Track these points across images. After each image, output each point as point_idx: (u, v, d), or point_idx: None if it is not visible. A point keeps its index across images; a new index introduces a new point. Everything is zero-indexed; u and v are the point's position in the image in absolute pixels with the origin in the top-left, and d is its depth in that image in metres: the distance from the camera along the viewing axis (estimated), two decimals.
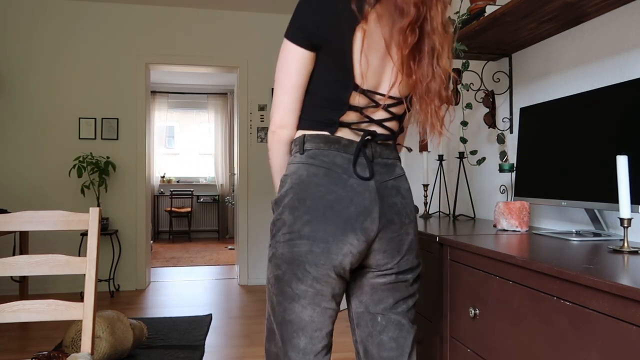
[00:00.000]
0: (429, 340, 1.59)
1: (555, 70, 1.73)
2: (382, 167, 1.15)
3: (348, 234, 1.08)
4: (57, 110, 4.40)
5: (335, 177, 1.10)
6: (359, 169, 1.11)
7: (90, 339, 1.41)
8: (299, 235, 1.08)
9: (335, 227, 1.07)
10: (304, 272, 1.08)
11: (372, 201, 1.10)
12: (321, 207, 1.08)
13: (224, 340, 3.10)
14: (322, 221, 1.07)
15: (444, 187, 2.53)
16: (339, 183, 1.09)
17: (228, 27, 4.72)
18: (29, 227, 1.47)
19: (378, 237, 1.11)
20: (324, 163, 1.11)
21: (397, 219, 1.13)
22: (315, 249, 1.07)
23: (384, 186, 1.13)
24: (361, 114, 1.12)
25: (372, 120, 1.14)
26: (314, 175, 1.10)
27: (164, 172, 8.55)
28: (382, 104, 1.13)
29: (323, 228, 1.07)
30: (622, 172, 1.11)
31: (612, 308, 0.84)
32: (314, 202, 1.08)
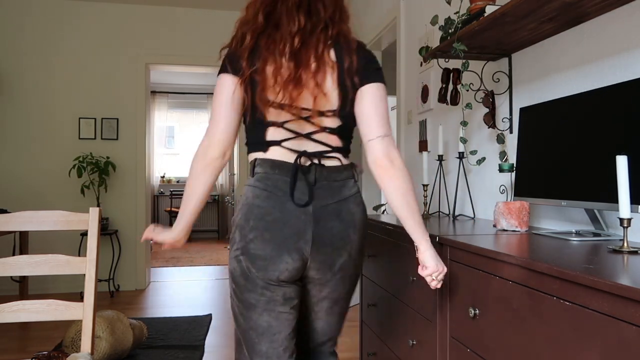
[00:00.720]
0: (429, 340, 1.60)
1: (555, 70, 1.73)
2: (326, 190, 1.23)
3: (283, 254, 1.19)
4: (57, 110, 4.40)
5: (275, 200, 1.20)
6: (298, 193, 1.20)
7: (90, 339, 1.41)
8: (243, 252, 1.21)
9: (272, 246, 1.19)
10: (252, 283, 1.21)
11: (307, 224, 1.19)
12: (261, 227, 1.19)
13: (223, 340, 3.10)
14: (261, 240, 1.19)
15: (444, 187, 2.53)
16: (278, 205, 1.20)
17: (228, 27, 4.69)
18: (29, 227, 1.47)
19: (311, 257, 1.22)
20: (267, 186, 1.21)
21: (329, 241, 1.22)
22: (258, 264, 1.19)
23: (322, 210, 1.22)
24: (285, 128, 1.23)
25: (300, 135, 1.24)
26: (257, 197, 1.21)
27: (163, 172, 8.55)
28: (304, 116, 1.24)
29: (262, 247, 1.19)
30: (622, 172, 1.11)
31: (612, 308, 0.84)
32: (256, 223, 1.19)
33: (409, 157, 3.10)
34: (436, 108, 2.69)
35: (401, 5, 3.17)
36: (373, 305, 2.21)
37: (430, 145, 2.75)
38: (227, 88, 1.24)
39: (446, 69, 2.14)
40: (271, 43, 1.21)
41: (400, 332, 1.87)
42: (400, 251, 1.86)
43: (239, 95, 1.24)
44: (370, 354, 2.26)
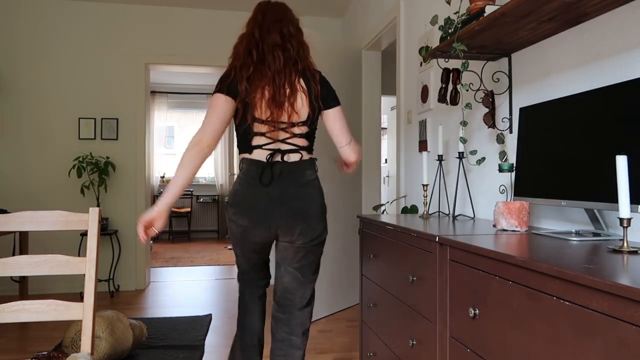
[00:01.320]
0: (429, 340, 1.60)
1: (555, 70, 1.73)
2: (287, 179, 1.71)
3: (256, 226, 1.73)
4: (56, 110, 4.40)
5: (250, 187, 1.72)
6: (265, 179, 1.71)
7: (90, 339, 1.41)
8: (233, 222, 1.78)
9: (248, 220, 1.73)
10: (236, 241, 1.83)
11: (274, 205, 1.71)
12: (242, 206, 1.73)
13: (223, 340, 3.10)
14: (240, 215, 1.74)
15: (444, 187, 2.53)
16: (252, 190, 1.72)
17: (228, 27, 4.72)
18: (28, 227, 1.47)
19: (278, 226, 1.73)
20: (247, 177, 1.73)
21: (291, 215, 1.72)
22: (240, 231, 1.77)
23: (285, 193, 1.71)
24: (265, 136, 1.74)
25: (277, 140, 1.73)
26: (239, 185, 1.75)
27: (163, 172, 8.54)
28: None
29: (242, 219, 1.74)
30: (622, 172, 1.11)
31: (612, 308, 0.84)
32: (237, 202, 1.74)
33: (408, 157, 3.10)
34: (436, 108, 2.69)
35: (401, 5, 3.17)
36: (373, 305, 2.21)
37: (430, 145, 2.75)
38: (220, 105, 1.70)
39: (446, 69, 2.14)
40: (259, 75, 1.68)
41: (400, 332, 1.87)
42: (400, 251, 1.86)
43: (228, 112, 1.71)
44: (371, 354, 2.26)
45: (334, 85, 3.76)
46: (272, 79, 1.67)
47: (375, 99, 4.20)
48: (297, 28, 1.80)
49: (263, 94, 1.67)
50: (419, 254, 1.68)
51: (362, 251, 2.38)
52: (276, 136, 1.71)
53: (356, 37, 4.30)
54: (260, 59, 1.69)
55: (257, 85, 1.67)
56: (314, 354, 2.86)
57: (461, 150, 2.13)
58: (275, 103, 1.67)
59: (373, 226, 2.21)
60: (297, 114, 1.72)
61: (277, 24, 1.74)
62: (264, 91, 1.67)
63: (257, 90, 1.67)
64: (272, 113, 1.68)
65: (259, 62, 1.69)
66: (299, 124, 1.73)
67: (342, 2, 4.49)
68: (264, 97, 1.67)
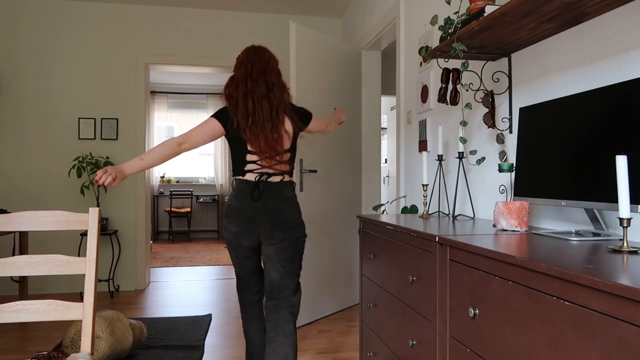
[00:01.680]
0: (429, 340, 1.60)
1: (555, 70, 1.73)
2: (270, 196, 2.12)
3: (245, 233, 2.13)
4: (56, 110, 4.40)
5: (241, 200, 2.12)
6: (255, 195, 2.11)
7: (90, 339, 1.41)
8: (228, 230, 2.17)
9: (240, 228, 2.13)
10: (231, 248, 2.21)
11: (259, 215, 2.11)
12: (234, 216, 2.13)
13: (223, 341, 3.10)
14: (233, 223, 2.14)
15: (444, 187, 2.53)
16: (243, 204, 2.12)
17: (228, 27, 4.72)
18: (28, 227, 1.47)
19: (261, 232, 2.12)
20: (238, 193, 2.14)
21: (270, 225, 2.11)
22: (233, 237, 2.16)
23: (268, 207, 2.12)
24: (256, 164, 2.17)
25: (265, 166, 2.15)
26: (232, 200, 2.16)
27: (163, 172, 8.54)
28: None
29: (234, 227, 2.14)
30: (622, 172, 1.11)
31: (612, 308, 0.84)
32: (231, 213, 2.15)
33: (408, 157, 3.11)
34: (436, 108, 2.69)
35: (401, 5, 3.17)
36: (373, 305, 2.21)
37: (430, 145, 2.75)
38: (212, 129, 2.14)
39: (446, 69, 2.14)
40: (254, 120, 2.11)
41: (400, 332, 1.87)
42: (400, 251, 1.86)
43: (214, 136, 2.16)
44: (370, 354, 2.26)
45: (334, 85, 3.76)
46: (262, 127, 2.11)
47: (375, 99, 4.20)
48: (277, 73, 2.23)
49: (257, 135, 2.11)
50: (419, 254, 1.68)
51: (362, 251, 2.38)
52: (265, 162, 2.13)
53: (356, 37, 4.30)
54: (253, 109, 2.12)
55: (252, 133, 2.12)
56: (313, 354, 2.86)
57: (461, 150, 2.13)
58: (267, 146, 2.11)
59: (373, 226, 2.21)
60: (282, 145, 2.16)
61: (263, 76, 2.17)
62: (258, 137, 2.11)
63: (251, 132, 2.11)
64: (262, 152, 2.11)
65: (252, 111, 2.12)
66: (282, 153, 2.17)
67: (342, 2, 4.49)
68: (257, 138, 2.12)
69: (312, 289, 3.50)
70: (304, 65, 3.39)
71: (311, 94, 3.48)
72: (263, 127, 2.10)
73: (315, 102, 3.52)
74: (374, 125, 4.19)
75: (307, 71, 3.42)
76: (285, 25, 4.79)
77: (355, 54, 3.97)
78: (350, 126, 3.93)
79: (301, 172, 3.39)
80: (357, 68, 4.01)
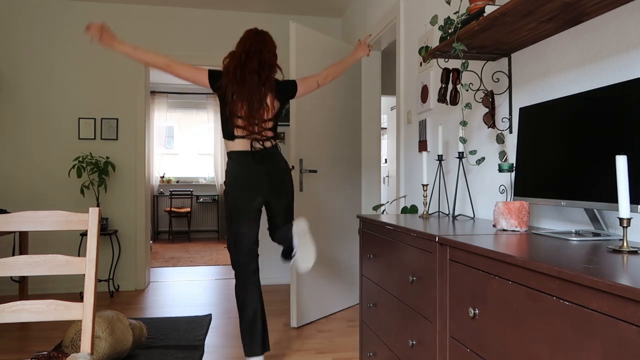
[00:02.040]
0: (429, 340, 1.60)
1: (555, 70, 1.73)
2: (269, 159, 2.48)
3: (257, 193, 2.47)
4: (56, 110, 4.40)
5: (247, 167, 2.45)
6: (257, 160, 2.44)
7: (90, 339, 1.41)
8: (232, 195, 2.46)
9: (251, 190, 2.46)
10: (239, 214, 2.47)
11: (264, 178, 2.46)
12: (245, 182, 2.44)
13: (223, 341, 3.10)
14: (245, 188, 2.45)
15: (444, 187, 2.53)
16: (248, 169, 2.45)
17: (228, 27, 4.72)
18: (28, 227, 1.47)
19: (269, 193, 2.50)
20: (240, 161, 2.46)
21: (276, 183, 2.50)
22: (246, 201, 2.46)
23: (270, 169, 2.48)
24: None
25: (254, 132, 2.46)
26: (235, 168, 2.46)
27: (163, 172, 8.54)
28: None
29: (245, 191, 2.45)
30: (622, 172, 1.11)
31: (612, 308, 0.84)
32: (240, 180, 2.45)
33: (408, 157, 3.11)
34: (436, 108, 2.69)
35: (401, 5, 3.17)
36: (373, 305, 2.21)
37: (429, 145, 2.75)
38: (200, 77, 2.45)
39: (446, 69, 2.14)
40: (241, 89, 2.40)
41: (400, 332, 1.87)
42: (400, 251, 1.86)
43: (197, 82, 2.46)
44: (370, 354, 2.26)
45: (334, 85, 3.75)
46: (248, 97, 2.40)
47: (375, 99, 4.20)
48: (272, 55, 2.51)
49: (244, 102, 2.42)
50: (419, 253, 1.68)
51: (362, 251, 2.38)
52: (252, 129, 2.42)
53: (356, 37, 4.29)
54: (242, 79, 2.41)
55: (239, 97, 2.41)
56: (313, 354, 2.86)
57: (461, 150, 2.13)
58: (251, 114, 2.42)
59: (373, 226, 2.21)
60: (267, 113, 2.47)
61: (258, 55, 2.45)
62: (243, 105, 2.42)
63: (239, 98, 2.41)
64: (248, 118, 2.41)
65: (241, 80, 2.41)
66: (266, 121, 2.48)
67: (341, 2, 4.49)
68: (244, 105, 2.42)
69: (312, 288, 3.50)
70: (304, 65, 3.39)
71: (311, 94, 3.48)
72: (250, 97, 2.39)
73: (314, 102, 3.52)
74: (374, 125, 4.19)
75: (307, 71, 3.42)
76: (285, 25, 4.79)
77: None
78: (350, 126, 3.92)
79: (301, 172, 3.39)
80: (357, 68, 4.01)
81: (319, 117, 3.58)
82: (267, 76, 2.46)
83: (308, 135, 3.46)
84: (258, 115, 2.42)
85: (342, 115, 3.82)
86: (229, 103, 2.40)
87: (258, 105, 2.41)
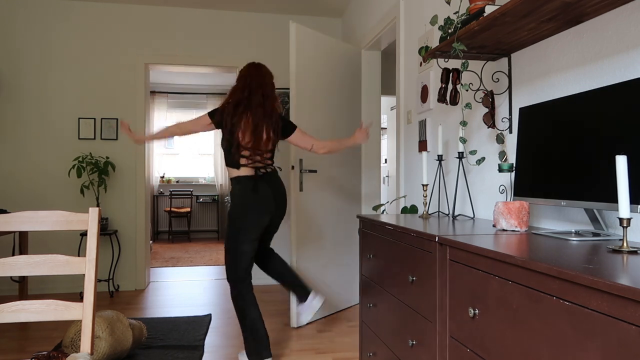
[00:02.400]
0: (428, 340, 1.60)
1: (555, 70, 1.73)
2: (273, 183, 2.65)
3: (265, 216, 2.61)
4: (56, 110, 4.40)
5: (253, 189, 2.57)
6: (262, 185, 2.60)
7: (90, 339, 1.41)
8: (244, 216, 2.57)
9: (260, 213, 2.59)
10: (246, 231, 2.58)
11: (271, 199, 2.62)
12: (257, 202, 2.58)
13: (223, 341, 3.10)
14: (256, 209, 2.58)
15: (444, 187, 2.53)
16: (255, 192, 2.58)
17: (227, 27, 4.72)
18: (28, 227, 1.47)
19: (276, 211, 2.69)
20: (249, 185, 2.58)
21: (281, 203, 2.71)
22: (257, 221, 2.59)
23: (275, 191, 2.66)
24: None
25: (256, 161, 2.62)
26: (246, 192, 2.58)
27: (163, 172, 8.54)
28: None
29: (258, 212, 2.58)
30: (622, 172, 1.11)
31: (611, 308, 0.84)
32: (252, 201, 2.58)
33: (408, 157, 3.11)
34: (436, 108, 2.69)
35: (401, 5, 3.17)
36: (373, 305, 2.21)
37: (429, 145, 2.75)
38: (202, 123, 2.64)
39: (446, 69, 2.14)
40: (246, 122, 2.55)
41: (400, 332, 1.87)
42: (401, 251, 1.86)
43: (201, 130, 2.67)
44: (370, 354, 2.26)
45: (334, 85, 3.76)
46: (254, 129, 2.55)
47: (374, 99, 4.20)
48: (271, 87, 2.68)
49: (247, 136, 2.57)
50: (418, 253, 1.68)
51: (362, 251, 2.38)
52: (255, 158, 2.59)
53: (356, 37, 4.30)
54: (246, 112, 2.57)
55: (244, 131, 2.56)
56: (313, 354, 2.86)
57: (461, 150, 2.13)
58: (256, 142, 2.57)
59: (373, 226, 2.21)
60: (267, 145, 2.62)
61: (260, 89, 2.62)
62: (248, 135, 2.56)
63: (244, 130, 2.56)
64: (253, 149, 2.58)
65: (245, 113, 2.56)
66: (267, 150, 2.65)
67: (341, 2, 4.49)
68: (250, 137, 2.57)
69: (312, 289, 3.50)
70: (303, 65, 3.39)
71: (311, 94, 3.48)
72: (255, 130, 2.55)
73: (314, 102, 3.52)
74: (374, 125, 4.19)
75: (306, 71, 3.42)
76: (285, 25, 4.79)
77: (355, 54, 3.97)
78: (350, 126, 3.92)
79: (301, 172, 3.39)
80: (357, 68, 4.01)
81: (319, 117, 3.57)
82: (272, 108, 2.62)
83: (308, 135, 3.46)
84: (263, 145, 2.58)
85: (342, 115, 3.82)
86: (234, 135, 2.54)
87: (265, 136, 2.58)
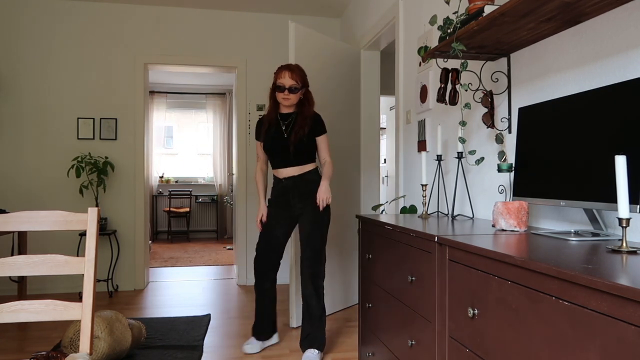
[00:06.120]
0: (428, 340, 1.60)
1: (554, 70, 1.73)
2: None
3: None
4: (55, 110, 4.40)
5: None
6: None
7: (89, 339, 1.41)
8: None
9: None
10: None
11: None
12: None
13: (222, 341, 3.10)
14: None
15: (443, 187, 2.53)
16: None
17: (227, 27, 4.71)
18: (27, 227, 1.46)
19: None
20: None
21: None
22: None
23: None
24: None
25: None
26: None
27: (162, 172, 8.54)
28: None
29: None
30: (621, 172, 1.11)
31: (611, 308, 0.84)
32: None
33: (407, 157, 3.11)
34: (435, 108, 2.69)
35: (400, 5, 3.17)
36: (372, 305, 2.21)
37: (429, 145, 2.75)
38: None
39: (445, 69, 2.14)
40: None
41: (399, 332, 1.87)
42: (400, 251, 1.86)
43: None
44: (370, 354, 2.26)
45: (333, 85, 3.75)
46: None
47: (374, 99, 4.20)
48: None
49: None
50: (418, 253, 1.68)
51: (361, 251, 2.38)
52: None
53: (355, 37, 4.29)
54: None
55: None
56: None
57: (460, 150, 2.13)
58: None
59: (372, 226, 2.21)
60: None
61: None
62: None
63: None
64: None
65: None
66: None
67: (341, 2, 4.49)
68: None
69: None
70: (302, 65, 3.39)
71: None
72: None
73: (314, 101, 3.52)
74: (373, 125, 4.19)
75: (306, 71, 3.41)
76: (285, 25, 4.79)
77: (355, 54, 3.97)
78: (350, 126, 3.92)
79: None
80: (356, 68, 4.01)
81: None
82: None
83: None
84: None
85: (341, 115, 3.82)
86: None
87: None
